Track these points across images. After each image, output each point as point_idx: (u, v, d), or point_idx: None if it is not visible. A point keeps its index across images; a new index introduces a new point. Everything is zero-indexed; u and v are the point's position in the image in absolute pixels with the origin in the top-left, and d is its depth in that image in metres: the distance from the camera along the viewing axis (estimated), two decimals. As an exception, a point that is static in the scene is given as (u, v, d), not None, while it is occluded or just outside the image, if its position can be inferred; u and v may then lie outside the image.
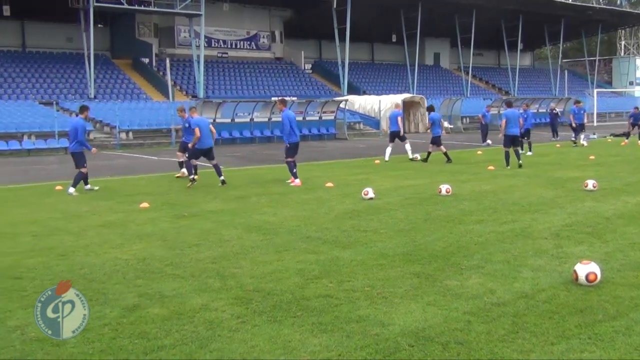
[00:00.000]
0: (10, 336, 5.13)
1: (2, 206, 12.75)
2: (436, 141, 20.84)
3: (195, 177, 15.31)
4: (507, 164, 18.14)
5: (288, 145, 15.23)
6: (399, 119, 21.56)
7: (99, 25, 46.69)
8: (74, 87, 43.14)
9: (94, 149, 14.58)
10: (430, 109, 21.46)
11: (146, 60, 48.62)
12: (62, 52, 47.13)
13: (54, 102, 36.74)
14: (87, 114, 14.90)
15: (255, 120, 36.25)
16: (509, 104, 20.11)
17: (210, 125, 15.84)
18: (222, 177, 15.27)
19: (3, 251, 8.31)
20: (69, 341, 4.96)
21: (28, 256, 7.98)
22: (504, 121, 18.55)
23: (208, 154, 15.49)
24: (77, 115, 15.13)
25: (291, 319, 5.43)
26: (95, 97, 41.05)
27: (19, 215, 11.36)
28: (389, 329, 5.14)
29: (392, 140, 21.77)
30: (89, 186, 14.84)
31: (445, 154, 20.49)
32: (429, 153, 20.82)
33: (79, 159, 14.46)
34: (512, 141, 18.51)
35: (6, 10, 43.23)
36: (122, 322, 5.42)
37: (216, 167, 15.46)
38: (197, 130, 15.13)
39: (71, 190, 14.18)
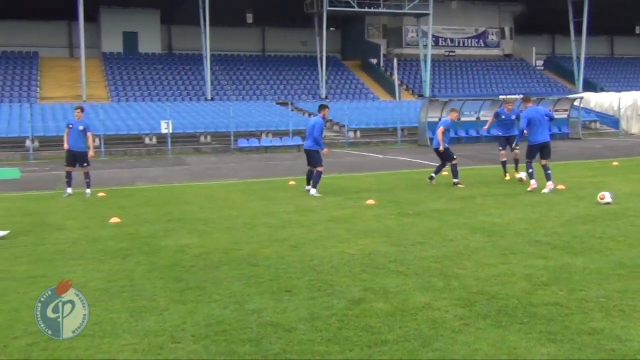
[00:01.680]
0: (247, 318, 5.52)
1: (243, 199, 13.86)
2: None
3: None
4: None
5: (529, 145, 14.01)
6: None
7: (331, 29, 48.80)
8: (307, 88, 45.60)
9: (325, 150, 14.04)
10: None
11: (374, 61, 49.87)
12: (297, 55, 50.02)
13: (289, 103, 39.16)
14: (326, 112, 14.41)
15: (481, 119, 35.46)
16: None
17: (440, 128, 15.30)
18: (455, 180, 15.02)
19: (244, 240, 9.01)
20: (299, 327, 5.22)
21: (264, 246, 8.56)
22: None
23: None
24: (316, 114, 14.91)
25: (517, 325, 5.22)
26: (326, 97, 43.01)
27: (257, 208, 12.25)
28: (627, 345, 4.72)
29: None
30: (308, 187, 14.21)
31: None
32: None
33: (315, 157, 13.98)
34: None
35: (249, 17, 46.99)
36: (348, 313, 5.58)
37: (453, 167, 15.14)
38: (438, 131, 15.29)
39: (313, 192, 13.75)
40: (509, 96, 17.22)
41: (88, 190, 14.78)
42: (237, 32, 48.73)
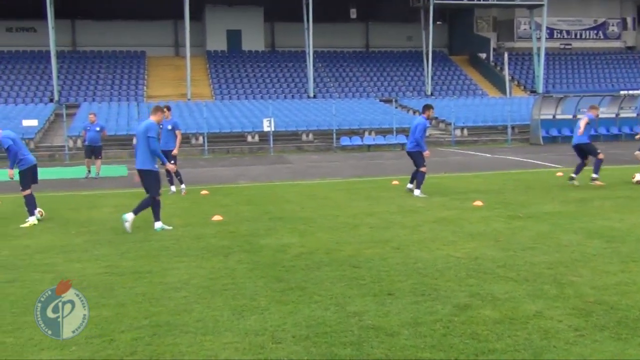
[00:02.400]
0: (349, 321, 5.41)
1: (345, 198, 13.76)
2: None
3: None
4: None
5: None
6: None
7: (438, 23, 48.04)
8: (412, 85, 45.08)
9: (427, 152, 13.72)
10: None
11: (483, 56, 48.68)
12: (402, 51, 49.58)
13: (393, 100, 38.82)
14: (431, 113, 14.05)
15: (600, 116, 33.77)
16: None
17: (585, 119, 14.56)
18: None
19: (345, 240, 8.90)
20: (402, 332, 5.06)
21: (366, 247, 8.42)
22: None
23: None
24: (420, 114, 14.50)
25: (638, 338, 4.84)
26: (432, 94, 42.40)
27: (359, 208, 12.12)
28: None
29: None
30: (410, 186, 14.09)
31: None
32: None
33: (417, 158, 13.71)
34: None
35: (352, 13, 47.07)
36: (453, 320, 5.37)
37: None
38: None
39: (417, 192, 13.50)
40: None
41: (183, 186, 15.24)
42: (341, 28, 48.83)
